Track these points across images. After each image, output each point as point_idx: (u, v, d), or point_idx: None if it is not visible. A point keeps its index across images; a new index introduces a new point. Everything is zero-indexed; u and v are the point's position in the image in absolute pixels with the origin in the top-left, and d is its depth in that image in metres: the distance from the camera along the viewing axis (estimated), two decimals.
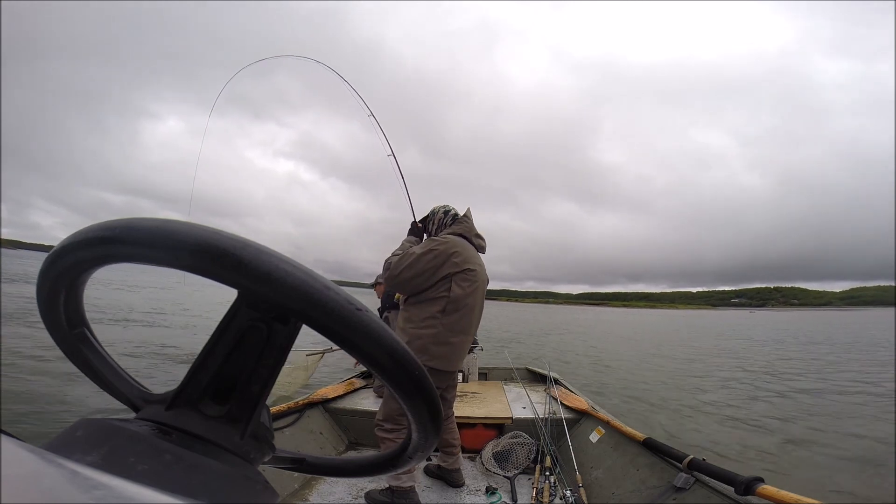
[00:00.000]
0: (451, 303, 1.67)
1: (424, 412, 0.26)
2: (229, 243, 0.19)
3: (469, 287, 1.71)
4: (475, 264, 1.76)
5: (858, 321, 58.65)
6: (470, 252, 1.76)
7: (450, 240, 1.73)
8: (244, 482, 0.20)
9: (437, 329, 1.66)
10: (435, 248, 1.68)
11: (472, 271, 1.72)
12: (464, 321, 1.73)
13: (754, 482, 1.27)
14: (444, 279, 1.67)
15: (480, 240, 1.88)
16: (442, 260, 1.66)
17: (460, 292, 1.68)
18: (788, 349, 15.05)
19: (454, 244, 1.71)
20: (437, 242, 1.70)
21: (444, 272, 1.66)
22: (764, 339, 20.37)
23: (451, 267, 1.67)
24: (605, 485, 1.90)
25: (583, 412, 2.58)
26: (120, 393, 0.29)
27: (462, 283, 1.69)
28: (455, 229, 1.82)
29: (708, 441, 4.28)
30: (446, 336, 1.67)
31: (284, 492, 1.79)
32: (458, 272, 1.68)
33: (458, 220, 1.87)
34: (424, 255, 1.66)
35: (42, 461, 0.16)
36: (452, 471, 1.99)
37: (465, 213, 1.90)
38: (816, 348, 15.45)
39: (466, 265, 1.70)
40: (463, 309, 1.70)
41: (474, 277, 1.73)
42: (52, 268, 0.23)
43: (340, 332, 0.20)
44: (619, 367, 9.39)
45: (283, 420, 2.21)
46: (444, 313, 1.67)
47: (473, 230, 1.86)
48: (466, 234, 1.82)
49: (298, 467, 0.35)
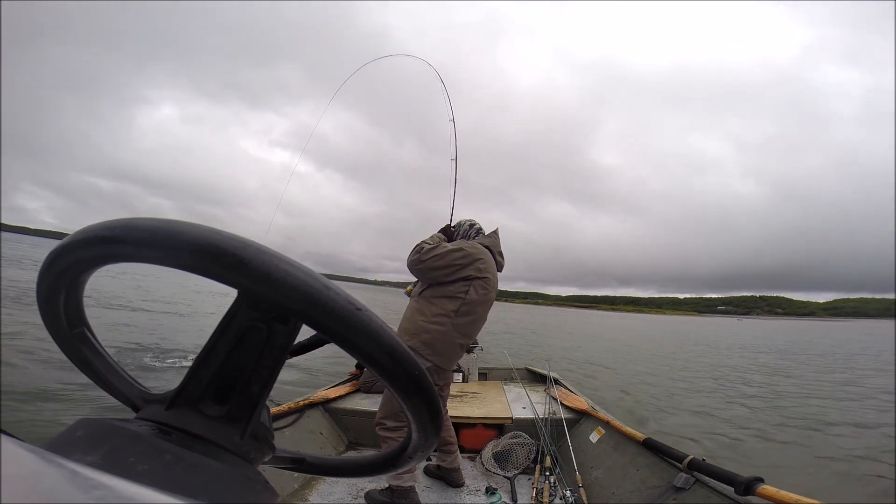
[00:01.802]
0: (466, 305, 1.72)
1: (424, 412, 0.26)
2: (229, 243, 0.19)
3: (485, 295, 1.77)
4: (493, 275, 1.83)
5: (848, 331, 58.84)
6: (492, 264, 1.85)
7: (479, 247, 1.82)
8: (244, 482, 0.20)
9: (447, 328, 1.70)
10: (465, 248, 1.77)
11: (490, 281, 1.79)
12: (472, 326, 1.79)
13: (754, 482, 1.27)
14: (464, 280, 1.73)
15: (502, 258, 1.96)
16: (468, 261, 1.73)
17: (476, 297, 1.74)
18: (786, 357, 15.14)
19: (482, 252, 1.80)
20: (469, 245, 1.80)
21: (466, 273, 1.72)
22: (760, 347, 20.32)
23: (474, 271, 1.73)
24: (605, 485, 1.90)
25: (583, 412, 2.57)
26: (120, 393, 0.29)
27: (480, 289, 1.75)
28: (483, 241, 1.90)
29: (708, 441, 4.29)
30: (454, 337, 1.72)
31: (284, 492, 1.79)
32: (479, 278, 1.74)
33: (488, 235, 1.97)
34: (455, 251, 1.74)
35: (42, 461, 0.16)
36: (452, 470, 2.00)
37: (493, 231, 2.00)
38: (812, 358, 15.53)
39: (487, 274, 1.78)
40: (474, 314, 1.77)
41: (490, 287, 1.80)
42: (52, 267, 0.23)
43: (340, 331, 0.20)
44: (607, 369, 9.43)
45: (283, 420, 2.20)
46: (457, 314, 1.71)
47: (498, 247, 1.94)
48: (493, 248, 1.90)
49: (298, 467, 0.35)
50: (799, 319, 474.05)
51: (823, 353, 17.46)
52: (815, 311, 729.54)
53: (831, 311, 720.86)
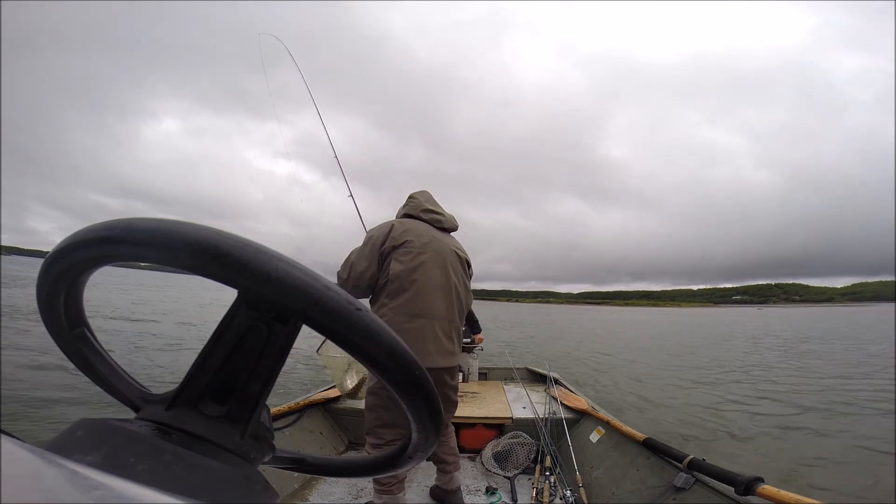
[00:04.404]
0: (393, 282, 1.45)
1: (424, 412, 0.26)
2: (229, 243, 0.19)
3: (410, 260, 1.47)
4: (416, 234, 1.52)
5: (867, 316, 57.87)
6: (416, 227, 1.55)
7: (385, 223, 1.55)
8: (244, 482, 0.20)
9: (387, 316, 1.43)
10: (371, 233, 1.53)
11: (412, 243, 1.49)
12: (419, 301, 1.46)
13: (754, 482, 1.27)
14: (386, 261, 1.49)
15: (435, 214, 1.64)
16: (380, 241, 1.48)
17: (400, 268, 1.46)
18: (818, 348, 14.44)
19: (386, 225, 1.54)
20: (373, 229, 1.55)
21: (382, 252, 1.48)
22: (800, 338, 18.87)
23: (390, 242, 1.48)
24: (605, 485, 1.90)
25: (583, 412, 2.57)
26: (120, 393, 0.29)
27: (401, 257, 1.47)
28: (401, 213, 1.66)
29: (707, 442, 4.29)
30: (397, 322, 1.42)
31: (284, 492, 1.79)
32: (397, 246, 1.48)
33: (406, 203, 1.68)
34: (361, 246, 1.51)
35: (42, 461, 0.16)
36: (450, 492, 1.78)
37: (409, 197, 1.71)
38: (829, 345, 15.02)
39: (406, 237, 1.49)
40: (411, 287, 1.46)
41: (415, 248, 1.49)
42: (53, 268, 0.23)
43: (340, 331, 0.20)
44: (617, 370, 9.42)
45: (283, 420, 2.21)
46: (389, 296, 1.46)
47: (421, 206, 1.63)
48: (412, 212, 1.63)
49: (298, 467, 0.35)
50: (816, 306, 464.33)
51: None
52: (834, 296, 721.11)
53: (850, 295, 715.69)
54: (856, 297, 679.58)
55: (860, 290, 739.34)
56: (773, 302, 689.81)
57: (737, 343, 16.80)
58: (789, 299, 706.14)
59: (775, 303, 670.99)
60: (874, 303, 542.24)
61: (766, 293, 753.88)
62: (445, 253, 1.57)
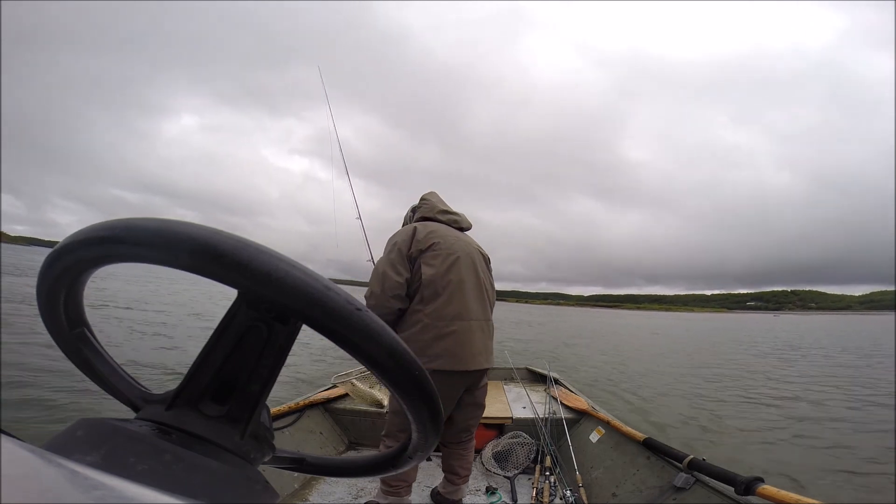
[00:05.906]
0: (426, 286, 1.42)
1: (424, 412, 0.26)
2: (229, 243, 0.19)
3: (441, 263, 1.45)
4: (441, 236, 1.51)
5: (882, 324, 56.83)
6: (438, 229, 1.54)
7: (408, 227, 1.53)
8: (244, 482, 0.20)
9: (423, 322, 1.41)
10: (394, 239, 1.50)
11: (439, 244, 1.48)
12: (454, 304, 1.44)
13: (754, 482, 1.27)
14: (414, 265, 1.46)
15: (451, 215, 1.64)
16: (406, 246, 1.46)
17: (432, 272, 1.43)
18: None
19: (415, 226, 1.51)
20: (394, 235, 1.53)
21: (410, 257, 1.46)
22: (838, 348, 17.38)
23: (416, 246, 1.46)
24: (605, 485, 1.90)
25: (583, 412, 2.57)
26: (120, 393, 0.29)
27: (431, 260, 1.45)
28: (416, 216, 1.65)
29: (708, 441, 4.29)
30: (438, 327, 1.40)
31: (284, 492, 1.79)
32: (424, 250, 1.46)
33: (418, 207, 1.67)
34: (386, 255, 1.47)
35: (42, 461, 0.16)
36: (452, 502, 1.73)
37: (421, 199, 1.68)
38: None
39: (433, 240, 1.48)
40: (445, 290, 1.43)
41: (443, 251, 1.48)
42: (53, 267, 0.23)
43: (340, 331, 0.20)
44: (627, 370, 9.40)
45: (283, 420, 2.20)
46: (423, 302, 1.43)
47: (436, 208, 1.63)
48: (428, 215, 1.62)
49: (298, 467, 0.35)
50: (833, 314, 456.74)
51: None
52: (851, 304, 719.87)
53: (868, 304, 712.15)
54: (873, 306, 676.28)
55: (878, 299, 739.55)
56: (789, 309, 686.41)
57: (762, 348, 16.30)
58: (805, 306, 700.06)
59: (791, 310, 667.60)
60: (892, 311, 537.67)
61: (782, 300, 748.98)
62: (472, 252, 1.57)
